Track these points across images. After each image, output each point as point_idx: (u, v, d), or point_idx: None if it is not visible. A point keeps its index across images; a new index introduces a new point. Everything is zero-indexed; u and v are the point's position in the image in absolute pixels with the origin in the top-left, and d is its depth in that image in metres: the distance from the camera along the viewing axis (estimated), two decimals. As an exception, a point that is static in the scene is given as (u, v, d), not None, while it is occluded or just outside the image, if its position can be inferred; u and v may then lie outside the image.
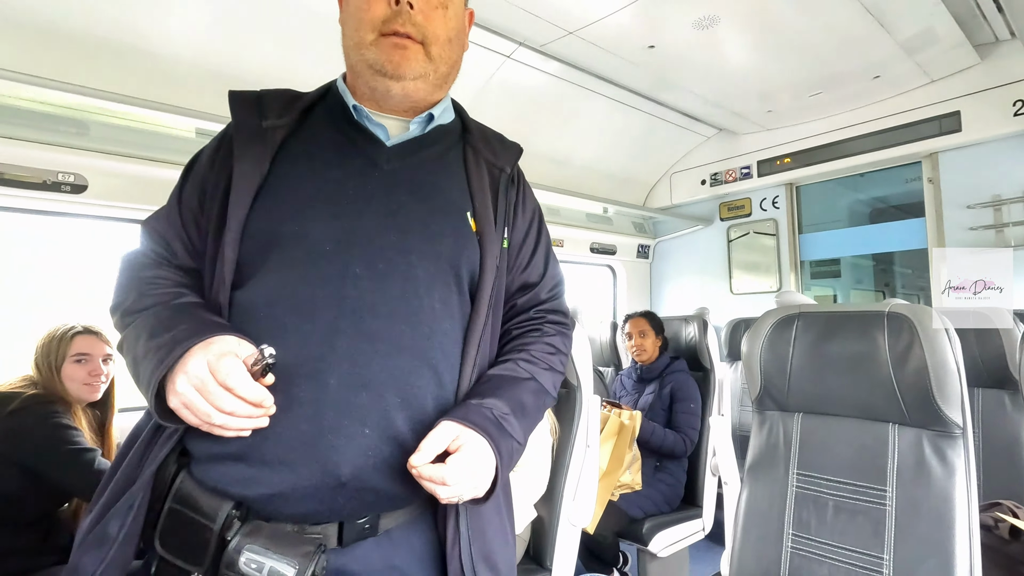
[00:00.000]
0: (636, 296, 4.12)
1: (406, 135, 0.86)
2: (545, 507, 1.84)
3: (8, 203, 1.86)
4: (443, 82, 0.87)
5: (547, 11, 2.09)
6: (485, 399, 0.77)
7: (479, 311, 0.83)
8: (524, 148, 0.99)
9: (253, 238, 0.76)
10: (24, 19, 1.70)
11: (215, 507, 0.68)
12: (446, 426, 0.72)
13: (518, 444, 0.79)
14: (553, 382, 0.90)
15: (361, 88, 0.85)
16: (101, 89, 1.74)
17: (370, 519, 0.74)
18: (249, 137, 0.81)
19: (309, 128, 0.84)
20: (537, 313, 0.95)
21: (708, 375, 2.69)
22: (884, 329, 1.20)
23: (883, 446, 1.21)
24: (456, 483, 0.69)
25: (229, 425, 0.65)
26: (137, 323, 0.74)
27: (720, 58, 2.49)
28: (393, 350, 0.74)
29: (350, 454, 0.70)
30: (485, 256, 0.83)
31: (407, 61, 0.79)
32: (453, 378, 0.80)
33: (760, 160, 3.48)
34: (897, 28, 2.26)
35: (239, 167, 0.78)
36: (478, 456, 0.71)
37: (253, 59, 2.08)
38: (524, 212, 0.95)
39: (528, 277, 0.94)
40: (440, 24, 0.82)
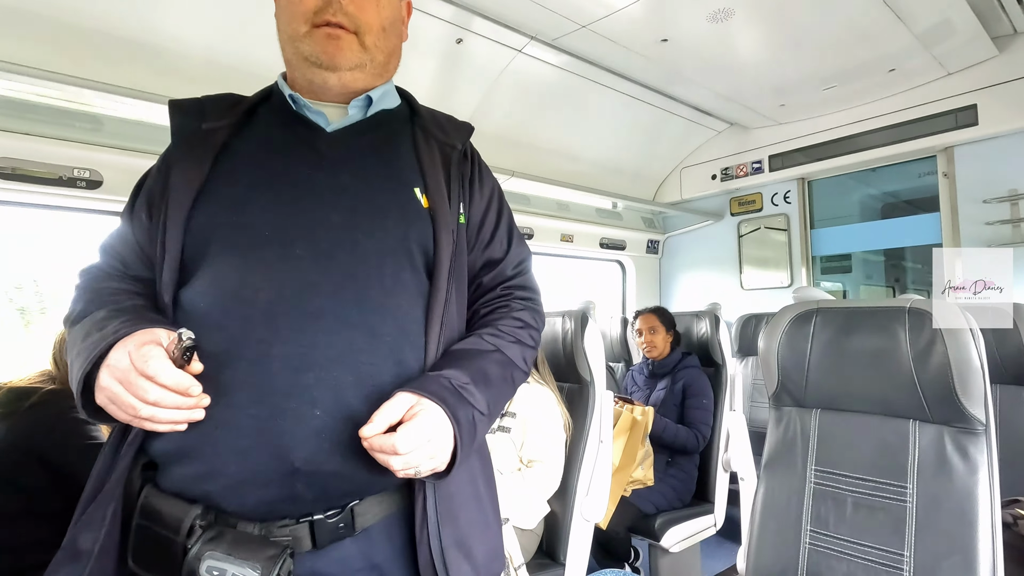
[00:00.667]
0: (646, 291, 4.11)
1: (346, 120, 0.85)
2: (558, 502, 1.84)
3: (25, 199, 1.88)
4: (382, 71, 0.87)
5: (560, 5, 2.08)
6: (444, 370, 0.75)
7: (438, 287, 0.80)
8: (534, 143, 1.00)
9: (193, 234, 0.75)
10: (41, 17, 1.70)
11: (179, 516, 0.67)
12: (401, 397, 0.70)
13: (480, 414, 0.76)
14: (523, 355, 0.87)
15: (299, 80, 0.85)
16: (115, 84, 1.75)
17: (343, 515, 0.72)
18: (188, 140, 0.81)
19: (251, 127, 0.85)
20: (504, 290, 0.92)
21: (720, 370, 2.68)
22: (905, 325, 1.19)
23: (903, 442, 1.20)
24: (408, 451, 0.66)
25: (158, 417, 0.63)
26: (77, 329, 0.73)
27: (734, 52, 2.47)
28: (340, 327, 0.72)
29: (301, 437, 0.68)
30: (439, 231, 0.81)
31: (341, 52, 0.80)
32: (417, 356, 0.78)
33: (772, 155, 3.46)
34: (914, 20, 2.23)
35: (178, 169, 0.78)
36: (432, 423, 0.68)
37: (262, 54, 2.07)
38: (482, 189, 0.93)
39: (491, 254, 0.92)
40: (372, 13, 0.81)
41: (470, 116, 2.66)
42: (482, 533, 0.81)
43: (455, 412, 0.71)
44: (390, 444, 0.65)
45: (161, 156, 0.86)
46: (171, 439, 0.68)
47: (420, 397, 0.70)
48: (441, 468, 0.71)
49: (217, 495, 0.68)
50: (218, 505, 0.68)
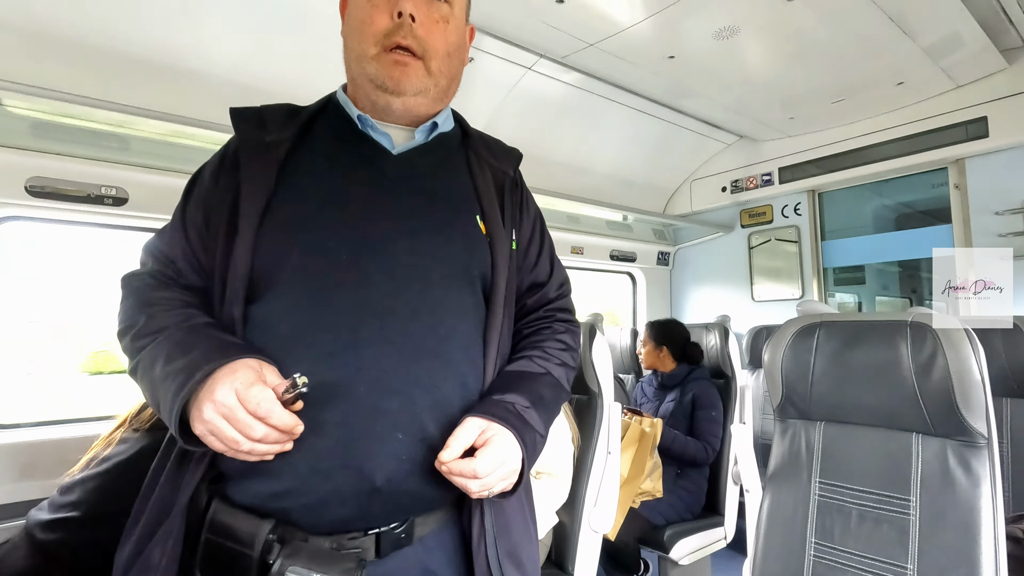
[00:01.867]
0: (657, 303, 4.12)
1: (411, 143, 0.88)
2: (567, 513, 1.86)
3: (56, 215, 1.96)
4: (443, 95, 0.89)
5: (568, 24, 2.13)
6: (506, 394, 0.80)
7: (495, 311, 0.85)
8: (544, 157, 1.04)
9: (267, 251, 0.75)
10: (71, 41, 1.79)
11: (252, 532, 0.69)
12: (472, 422, 0.74)
13: (540, 436, 0.81)
14: (567, 376, 0.93)
15: (362, 100, 0.86)
16: (141, 107, 1.83)
17: (405, 527, 0.75)
18: (254, 152, 0.81)
19: (312, 140, 0.85)
20: (547, 312, 0.98)
21: (730, 383, 2.68)
22: (907, 338, 1.20)
23: (907, 455, 1.21)
24: (487, 476, 0.71)
25: (257, 451, 0.65)
26: (152, 347, 0.72)
27: (741, 67, 2.50)
28: (417, 354, 0.75)
29: (383, 459, 0.71)
30: (496, 257, 0.86)
31: (407, 78, 0.81)
32: (477, 377, 0.82)
33: (781, 167, 3.47)
34: (920, 34, 2.24)
35: (247, 182, 0.78)
36: (506, 448, 0.74)
37: (281, 74, 2.16)
38: (528, 214, 0.98)
39: (536, 277, 0.97)
40: (440, 38, 0.83)
41: (481, 129, 2.72)
42: (529, 544, 0.86)
43: (522, 436, 0.76)
44: (471, 469, 0.70)
45: (215, 158, 0.87)
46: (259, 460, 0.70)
47: (490, 422, 0.75)
48: (510, 488, 0.76)
49: (294, 512, 0.70)
50: (294, 522, 0.71)
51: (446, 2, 0.84)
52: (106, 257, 2.32)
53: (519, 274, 0.94)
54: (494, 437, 0.73)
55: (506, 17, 2.07)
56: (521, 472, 0.77)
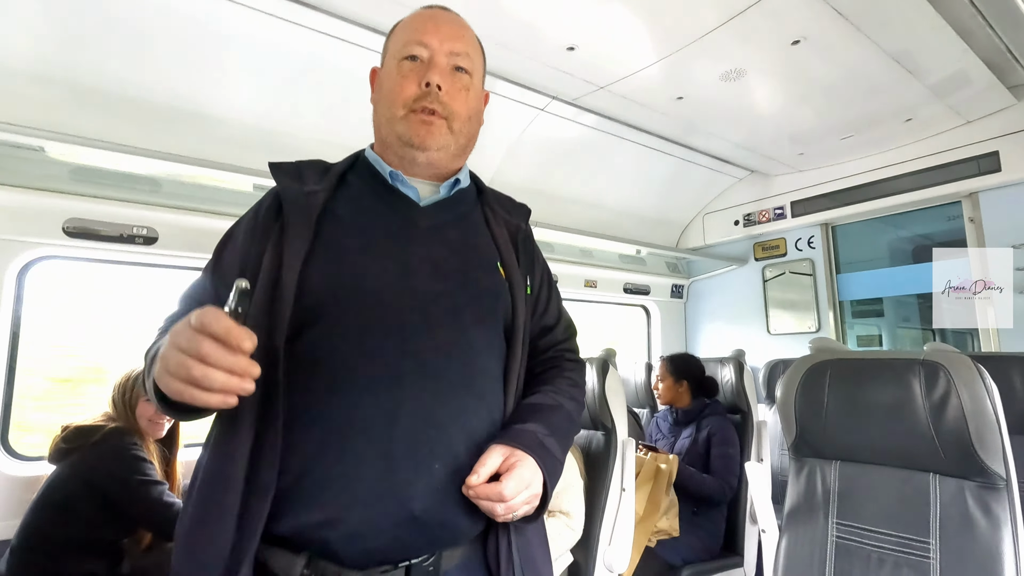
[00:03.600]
0: (671, 336, 4.11)
1: (436, 196, 0.95)
2: (581, 552, 1.84)
3: (91, 255, 2.06)
4: (462, 152, 0.97)
5: (578, 69, 2.21)
6: (527, 423, 0.85)
7: (515, 351, 0.92)
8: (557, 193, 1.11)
9: (310, 292, 0.79)
10: (109, 94, 1.91)
11: (287, 567, 0.73)
12: (498, 449, 0.79)
13: (558, 462, 0.86)
14: (576, 410, 0.99)
15: (390, 157, 0.94)
16: (172, 152, 1.93)
17: (433, 560, 0.78)
18: (294, 201, 0.87)
19: (346, 192, 0.92)
20: (555, 352, 1.05)
21: (746, 418, 2.65)
22: (919, 377, 1.20)
23: (924, 497, 1.19)
24: (512, 499, 0.75)
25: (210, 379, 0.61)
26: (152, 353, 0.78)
27: (748, 106, 2.55)
28: (453, 388, 0.81)
29: (422, 488, 0.75)
30: (516, 300, 0.93)
31: (432, 135, 0.89)
32: (500, 412, 0.88)
33: (794, 200, 3.49)
34: (925, 73, 2.29)
35: (290, 228, 0.83)
36: (529, 473, 0.78)
37: (303, 122, 2.27)
38: (538, 264, 1.06)
39: (547, 321, 1.04)
40: (462, 103, 0.92)
41: (496, 169, 2.80)
42: (549, 572, 0.91)
43: (544, 462, 0.81)
44: (497, 492, 0.74)
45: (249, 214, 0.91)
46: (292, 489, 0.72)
47: (514, 449, 0.80)
48: (532, 512, 0.81)
49: (334, 542, 0.73)
50: (333, 553, 0.73)
51: (467, 73, 0.93)
52: (135, 295, 2.41)
53: (532, 318, 1.00)
54: (518, 463, 0.78)
55: (519, 62, 2.16)
56: (543, 496, 0.81)
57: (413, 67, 0.90)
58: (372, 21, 1.90)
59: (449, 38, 0.91)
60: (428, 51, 0.90)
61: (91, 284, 2.38)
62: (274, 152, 2.23)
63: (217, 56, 1.93)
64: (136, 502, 1.69)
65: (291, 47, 1.96)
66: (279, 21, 1.83)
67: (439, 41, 0.90)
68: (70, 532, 1.62)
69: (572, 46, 2.04)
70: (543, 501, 0.82)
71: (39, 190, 1.93)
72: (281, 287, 0.79)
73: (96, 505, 1.66)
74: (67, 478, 1.67)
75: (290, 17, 1.83)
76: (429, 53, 0.90)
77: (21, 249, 1.95)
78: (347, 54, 1.98)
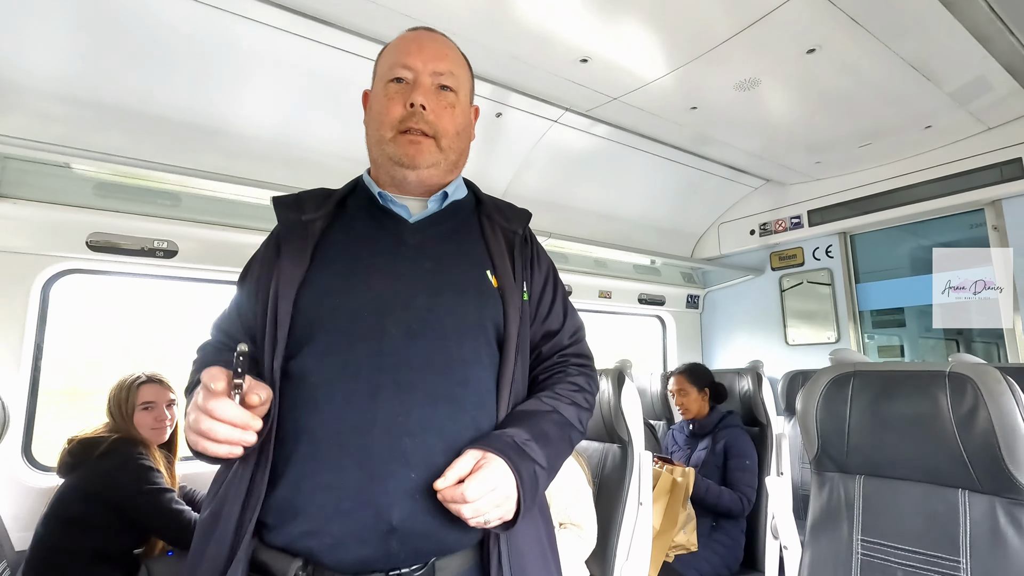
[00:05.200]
0: (687, 347, 4.07)
1: (425, 212, 0.97)
2: (598, 566, 1.81)
3: (113, 267, 2.10)
4: (453, 167, 0.99)
5: (592, 81, 2.22)
6: (507, 428, 0.85)
7: (507, 358, 0.91)
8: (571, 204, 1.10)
9: (301, 315, 0.85)
10: (132, 111, 1.96)
11: (284, 569, 0.75)
12: (469, 453, 0.78)
13: (541, 467, 0.84)
14: (578, 416, 0.96)
15: (383, 177, 0.98)
16: (191, 167, 1.97)
17: (425, 570, 0.78)
18: (292, 231, 0.93)
19: (343, 218, 0.97)
20: (561, 357, 1.03)
21: (764, 430, 2.61)
22: (946, 389, 1.17)
23: (953, 513, 1.16)
24: (475, 499, 0.73)
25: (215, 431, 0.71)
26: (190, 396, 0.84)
27: (763, 115, 2.54)
28: (430, 399, 0.81)
29: (398, 498, 0.75)
30: (507, 307, 0.92)
31: (420, 154, 0.92)
32: (490, 420, 0.87)
33: (811, 210, 3.45)
34: (944, 80, 2.26)
35: (286, 257, 0.89)
36: (496, 475, 0.76)
37: (319, 137, 2.30)
38: (540, 268, 1.05)
39: (550, 325, 1.03)
40: (448, 121, 0.95)
41: (509, 181, 2.81)
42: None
43: (517, 465, 0.79)
44: (459, 494, 0.73)
45: (262, 248, 0.99)
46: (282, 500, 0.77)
47: (485, 452, 0.79)
48: (508, 517, 0.79)
49: (319, 551, 0.75)
50: (319, 560, 0.76)
51: (452, 91, 0.96)
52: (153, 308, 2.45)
53: (532, 324, 1.00)
54: (485, 464, 0.77)
55: (532, 75, 2.17)
56: (519, 501, 0.79)
57: (399, 89, 0.93)
58: (388, 37, 1.91)
59: (433, 58, 0.94)
60: (412, 72, 0.93)
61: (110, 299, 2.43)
62: (291, 166, 2.28)
63: (235, 73, 1.97)
64: (147, 511, 1.70)
65: (308, 63, 2.00)
66: (296, 38, 1.87)
67: (423, 62, 0.93)
68: (83, 544, 1.64)
69: (585, 58, 2.05)
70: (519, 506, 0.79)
71: (64, 205, 1.98)
72: (278, 312, 0.85)
73: (107, 516, 1.67)
74: (76, 491, 1.69)
75: (307, 34, 1.86)
76: (413, 75, 0.93)
77: (47, 263, 1.99)
78: (363, 70, 2.00)
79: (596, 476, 2.01)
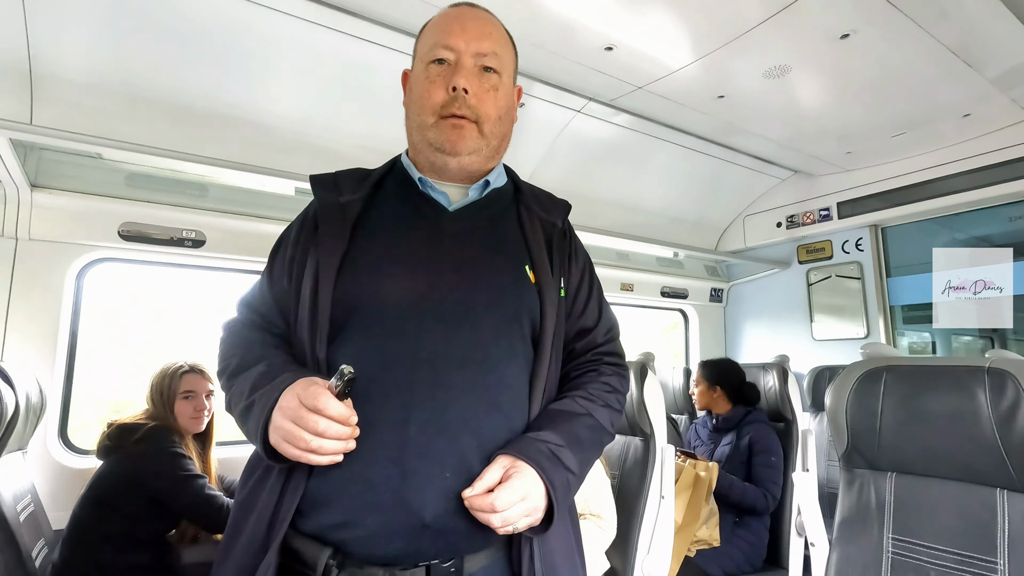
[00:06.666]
0: (710, 341, 4.01)
1: (465, 200, 0.94)
2: (619, 559, 1.80)
3: (142, 257, 2.15)
4: (495, 153, 0.96)
5: (616, 69, 2.19)
6: (541, 432, 0.83)
7: (542, 355, 0.89)
8: (593, 195, 1.06)
9: (340, 303, 0.83)
10: (161, 102, 1.99)
11: (315, 556, 0.75)
12: (500, 460, 0.77)
13: (573, 475, 0.83)
14: (610, 419, 0.94)
15: (422, 162, 0.95)
16: (219, 157, 1.99)
17: (455, 563, 0.78)
18: (330, 213, 0.90)
19: (380, 200, 0.94)
20: (594, 355, 1.00)
21: (790, 426, 2.56)
22: (985, 386, 1.13)
23: (991, 513, 1.12)
24: (504, 509, 0.72)
25: (325, 448, 0.70)
26: (239, 383, 0.82)
27: (793, 104, 2.47)
28: (466, 396, 0.80)
29: (432, 496, 0.74)
30: (545, 304, 0.90)
31: (462, 139, 0.89)
32: (523, 419, 0.86)
33: (840, 202, 3.36)
34: (986, 65, 2.17)
35: (324, 241, 0.87)
36: (527, 484, 0.75)
37: (343, 127, 2.31)
38: (577, 263, 1.02)
39: (584, 323, 1.00)
40: (491, 105, 0.91)
41: (532, 171, 2.79)
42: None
43: (550, 474, 0.78)
44: (488, 504, 0.72)
45: (296, 223, 0.97)
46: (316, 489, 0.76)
47: (516, 460, 0.77)
48: (536, 524, 0.78)
49: (350, 543, 0.75)
50: (350, 551, 0.75)
51: (495, 72, 0.91)
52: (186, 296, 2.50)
53: (567, 320, 0.97)
54: (516, 473, 0.75)
55: (556, 64, 2.15)
56: (550, 510, 0.78)
57: (440, 71, 0.89)
58: (413, 26, 1.91)
59: (476, 38, 0.90)
60: (454, 53, 0.89)
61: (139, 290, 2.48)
62: (316, 156, 2.29)
63: (262, 64, 1.99)
64: (181, 497, 1.74)
65: (333, 53, 2.00)
66: (322, 28, 1.88)
67: (465, 42, 0.89)
68: (115, 526, 1.69)
69: (610, 46, 2.02)
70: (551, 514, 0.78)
71: (96, 195, 2.03)
72: (319, 300, 0.83)
73: (140, 501, 1.72)
74: (112, 475, 1.74)
75: (332, 24, 1.87)
76: (456, 56, 0.89)
77: (81, 252, 2.04)
78: (388, 59, 2.01)
79: (618, 469, 2.00)
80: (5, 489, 1.49)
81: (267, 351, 0.86)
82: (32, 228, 1.95)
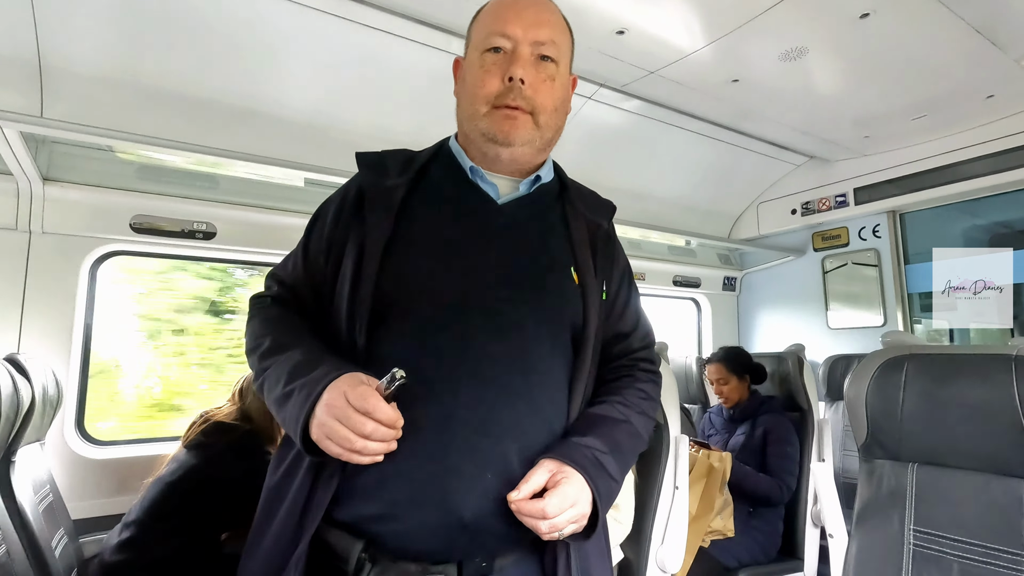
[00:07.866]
0: (723, 330, 3.97)
1: (515, 194, 0.92)
2: (633, 550, 1.80)
3: (153, 249, 2.16)
4: (547, 146, 0.93)
5: (628, 54, 2.14)
6: (585, 437, 0.81)
7: (583, 358, 0.88)
8: (604, 183, 1.04)
9: (383, 291, 0.81)
10: (171, 94, 1.98)
11: (347, 549, 0.74)
12: (545, 464, 0.76)
13: (615, 482, 0.82)
14: (646, 427, 0.93)
15: (473, 151, 0.92)
16: (229, 149, 1.99)
17: (486, 561, 0.78)
18: (376, 196, 0.88)
19: (427, 186, 0.92)
20: (630, 360, 0.99)
21: (805, 416, 2.53)
22: (1012, 375, 1.10)
23: (1018, 504, 1.09)
24: (554, 517, 0.72)
25: (369, 448, 0.69)
26: (275, 368, 0.80)
27: (809, 87, 2.42)
28: (509, 397, 0.79)
29: (472, 496, 0.74)
30: (588, 307, 0.89)
31: (516, 130, 0.86)
32: (562, 422, 0.85)
33: (857, 187, 3.29)
34: (1012, 45, 2.10)
35: (370, 225, 0.85)
36: (576, 491, 0.74)
37: (356, 119, 2.29)
38: (618, 266, 1.01)
39: (622, 327, 0.99)
40: (547, 95, 0.87)
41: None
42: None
43: (595, 481, 0.77)
44: (539, 509, 0.72)
45: (337, 197, 0.94)
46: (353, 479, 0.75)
47: (563, 465, 0.76)
48: (580, 530, 0.77)
49: (386, 537, 0.75)
50: (384, 545, 0.75)
51: (553, 61, 0.88)
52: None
53: (606, 322, 0.96)
54: (565, 480, 0.74)
55: (566, 50, 2.11)
56: (594, 516, 0.77)
57: (496, 59, 0.87)
58: (428, 17, 1.89)
59: (533, 25, 0.87)
60: (511, 42, 0.86)
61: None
62: (326, 149, 2.28)
63: (272, 55, 1.97)
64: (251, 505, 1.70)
65: (345, 43, 1.98)
66: (333, 18, 1.85)
67: (522, 30, 0.86)
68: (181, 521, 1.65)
69: (622, 29, 1.98)
70: (594, 520, 0.78)
71: (108, 188, 2.03)
72: (361, 285, 0.81)
73: (214, 503, 1.69)
74: (196, 470, 1.71)
75: (345, 14, 1.85)
76: (512, 44, 0.86)
77: (94, 245, 2.05)
78: (402, 51, 1.99)
79: (631, 459, 1.99)
80: (24, 481, 1.51)
81: (302, 335, 0.85)
82: (45, 221, 1.96)
